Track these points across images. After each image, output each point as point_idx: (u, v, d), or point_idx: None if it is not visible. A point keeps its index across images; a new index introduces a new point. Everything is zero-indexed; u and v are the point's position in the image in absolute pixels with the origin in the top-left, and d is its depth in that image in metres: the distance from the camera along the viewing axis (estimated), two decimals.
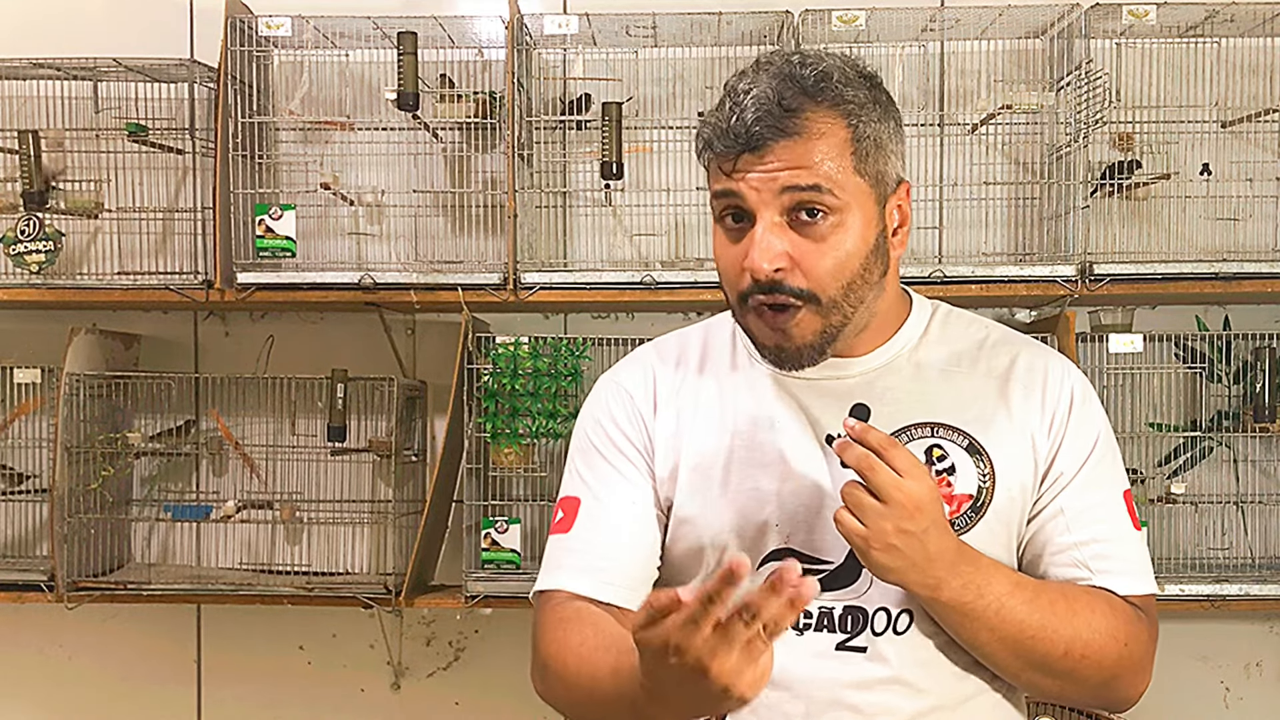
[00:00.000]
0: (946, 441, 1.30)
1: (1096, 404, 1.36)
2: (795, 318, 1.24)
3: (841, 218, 1.23)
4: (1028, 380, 1.33)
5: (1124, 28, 2.51)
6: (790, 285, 1.23)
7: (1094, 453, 1.32)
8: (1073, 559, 1.30)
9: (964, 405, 1.31)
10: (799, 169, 1.21)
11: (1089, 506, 1.31)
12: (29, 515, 2.80)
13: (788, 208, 1.23)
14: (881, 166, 1.26)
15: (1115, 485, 1.34)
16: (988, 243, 2.68)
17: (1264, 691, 2.76)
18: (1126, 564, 1.31)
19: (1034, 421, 1.31)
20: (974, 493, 1.29)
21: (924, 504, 1.18)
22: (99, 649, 2.84)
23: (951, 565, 1.21)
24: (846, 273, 1.24)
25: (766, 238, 1.22)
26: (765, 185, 1.22)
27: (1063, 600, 1.26)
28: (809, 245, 1.23)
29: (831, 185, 1.22)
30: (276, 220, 2.55)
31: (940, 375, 1.34)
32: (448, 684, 2.83)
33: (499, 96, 2.57)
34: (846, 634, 1.28)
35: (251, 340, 2.81)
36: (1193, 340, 2.60)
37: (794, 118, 1.21)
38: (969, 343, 1.37)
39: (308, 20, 2.55)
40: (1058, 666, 1.25)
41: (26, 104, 2.70)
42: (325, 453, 2.68)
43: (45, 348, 2.67)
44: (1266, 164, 2.63)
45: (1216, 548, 2.64)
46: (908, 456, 1.19)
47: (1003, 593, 1.23)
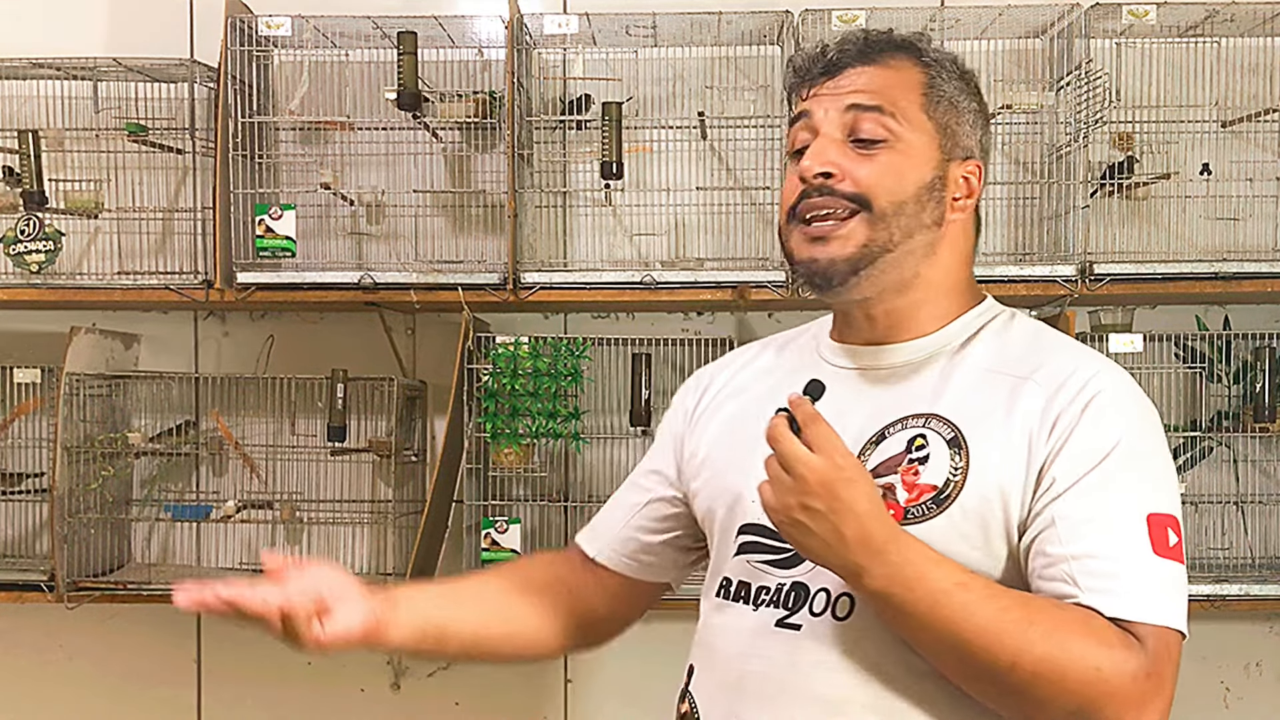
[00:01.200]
0: (931, 432, 1.25)
1: (1126, 414, 1.24)
2: (842, 227, 1.27)
3: (900, 144, 1.28)
4: (1045, 382, 1.25)
5: (1124, 28, 2.51)
6: (839, 189, 1.27)
7: (1106, 462, 1.19)
8: (1060, 572, 1.17)
9: (968, 400, 1.26)
10: (868, 90, 1.29)
11: (1088, 518, 1.18)
12: (29, 515, 2.80)
13: (849, 127, 1.29)
14: (952, 123, 1.31)
15: (1132, 502, 1.19)
16: (988, 243, 2.67)
17: (1264, 691, 2.76)
18: (1127, 586, 1.16)
19: (1034, 422, 1.22)
20: (939, 484, 1.22)
21: (829, 481, 1.14)
22: (99, 649, 2.84)
23: (876, 554, 1.14)
24: (899, 190, 1.27)
25: (822, 145, 1.29)
26: (833, 102, 1.30)
27: (1019, 609, 1.15)
28: (864, 159, 1.28)
29: (895, 110, 1.28)
30: (276, 220, 2.55)
31: (966, 371, 1.30)
32: (448, 684, 2.83)
33: (499, 96, 2.57)
34: (787, 610, 1.27)
35: (251, 340, 2.81)
36: (1193, 340, 2.60)
37: (875, 51, 1.32)
38: (1013, 346, 1.32)
39: (308, 20, 2.55)
40: (1005, 681, 1.14)
41: (26, 104, 2.70)
42: (325, 453, 2.68)
43: (45, 348, 2.67)
44: (1266, 164, 2.63)
45: (1216, 548, 2.64)
46: (824, 434, 1.15)
47: (939, 589, 1.14)
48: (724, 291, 2.46)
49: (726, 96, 2.63)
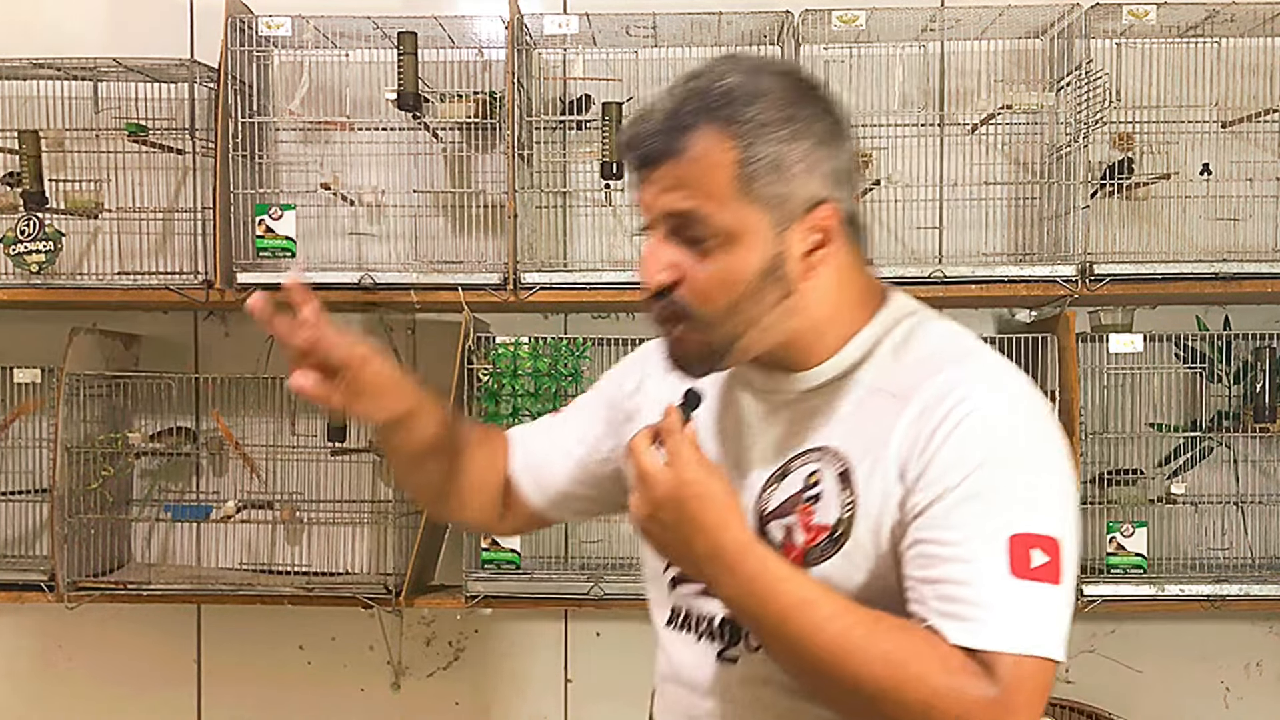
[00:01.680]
0: (825, 468, 1.24)
1: (998, 428, 1.18)
2: (684, 331, 1.25)
3: (725, 239, 1.20)
4: (919, 402, 1.20)
5: (1124, 28, 2.51)
6: (674, 297, 1.25)
7: (966, 483, 1.15)
8: (918, 596, 1.15)
9: (856, 429, 1.24)
10: (678, 191, 1.21)
11: (944, 541, 1.14)
12: (29, 515, 2.80)
13: (673, 228, 1.24)
14: (779, 190, 1.20)
15: (996, 521, 1.14)
16: (988, 243, 2.68)
17: (1264, 691, 2.76)
18: (979, 611, 1.11)
19: (907, 446, 1.19)
20: (831, 524, 1.22)
21: (675, 497, 1.16)
22: (99, 649, 2.84)
23: (728, 567, 1.15)
24: (730, 292, 1.21)
25: (654, 252, 1.25)
26: (651, 203, 1.24)
27: (864, 628, 1.13)
28: (694, 263, 1.23)
29: (710, 210, 1.20)
30: (276, 220, 2.55)
31: (857, 398, 1.26)
32: (448, 684, 2.83)
33: (499, 96, 2.57)
34: (724, 643, 1.28)
35: (251, 340, 2.80)
36: (1193, 340, 2.60)
37: (682, 136, 1.20)
38: (907, 363, 1.25)
39: (308, 20, 2.55)
40: (850, 701, 1.13)
41: (26, 104, 2.70)
42: (325, 453, 2.68)
43: (45, 348, 2.67)
44: (1266, 164, 2.63)
45: (1216, 548, 2.65)
46: (678, 447, 1.17)
47: (787, 605, 1.13)
48: None
49: None
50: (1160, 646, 2.75)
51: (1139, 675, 2.75)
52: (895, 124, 2.62)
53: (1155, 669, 2.76)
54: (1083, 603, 2.42)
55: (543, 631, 2.80)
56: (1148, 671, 2.76)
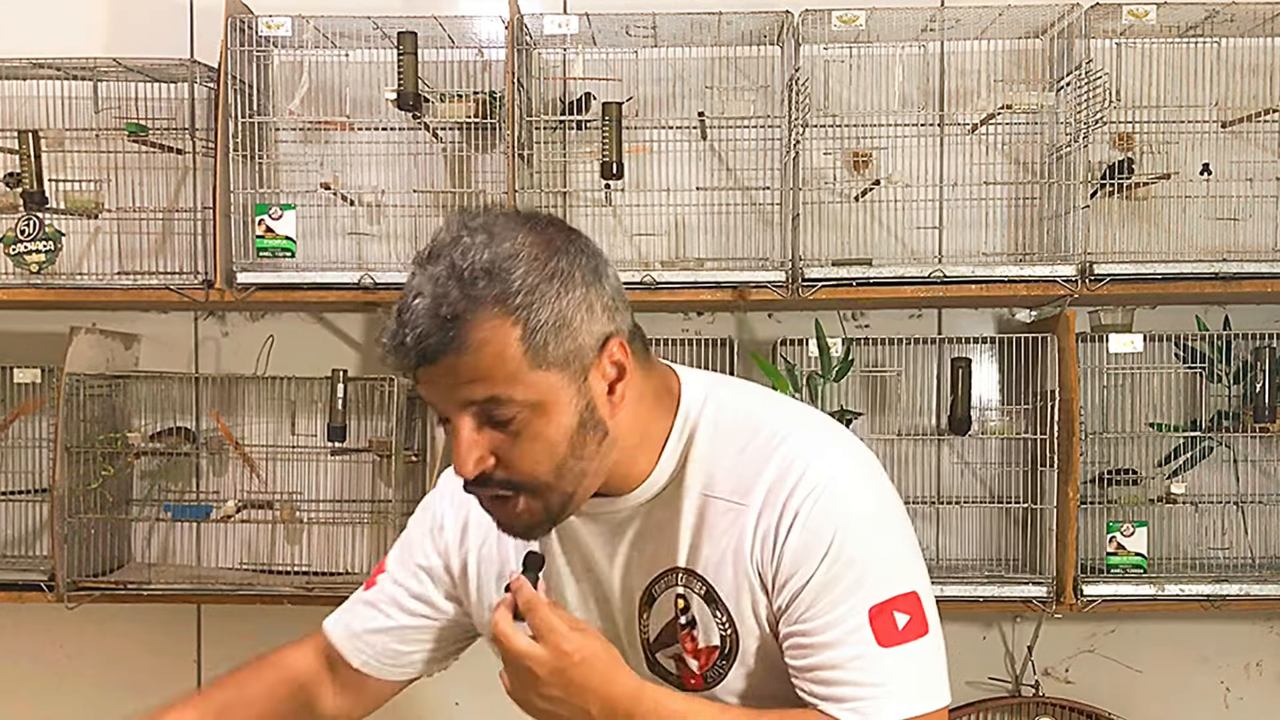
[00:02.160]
0: (690, 591, 1.26)
1: (834, 512, 1.21)
2: (516, 506, 1.22)
3: (532, 413, 1.18)
4: (755, 504, 1.23)
5: (1124, 28, 2.51)
6: (498, 478, 1.21)
7: (820, 571, 1.20)
8: (802, 686, 1.21)
9: (707, 546, 1.25)
10: (471, 383, 1.16)
11: (815, 630, 1.20)
12: (29, 515, 2.80)
13: (477, 415, 1.19)
14: (570, 346, 1.18)
15: (852, 600, 1.20)
16: (988, 243, 2.68)
17: (1264, 691, 2.76)
18: (860, 690, 1.19)
19: (759, 552, 1.23)
20: (718, 644, 1.26)
21: (558, 670, 1.17)
22: (99, 649, 2.84)
23: (626, 716, 1.19)
24: (553, 459, 1.20)
25: (464, 443, 1.19)
26: (445, 396, 1.19)
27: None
28: (507, 441, 1.19)
29: (510, 391, 1.16)
30: (276, 220, 2.55)
31: (696, 507, 1.26)
32: (448, 684, 2.82)
33: (499, 96, 2.57)
34: None
35: (251, 340, 2.81)
36: (1193, 340, 2.60)
37: (457, 327, 1.14)
38: (729, 459, 1.26)
39: (308, 20, 2.55)
40: None
41: (26, 104, 2.70)
42: (325, 453, 2.68)
43: (45, 348, 2.67)
44: (1266, 164, 2.63)
45: (1216, 548, 2.64)
46: (544, 620, 1.17)
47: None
48: (724, 291, 2.46)
49: (726, 97, 2.63)
50: (1160, 646, 2.75)
51: (1139, 675, 2.75)
52: (895, 124, 2.62)
53: (1155, 669, 2.76)
54: (1082, 603, 2.42)
55: None
56: (1148, 671, 2.76)
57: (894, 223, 2.68)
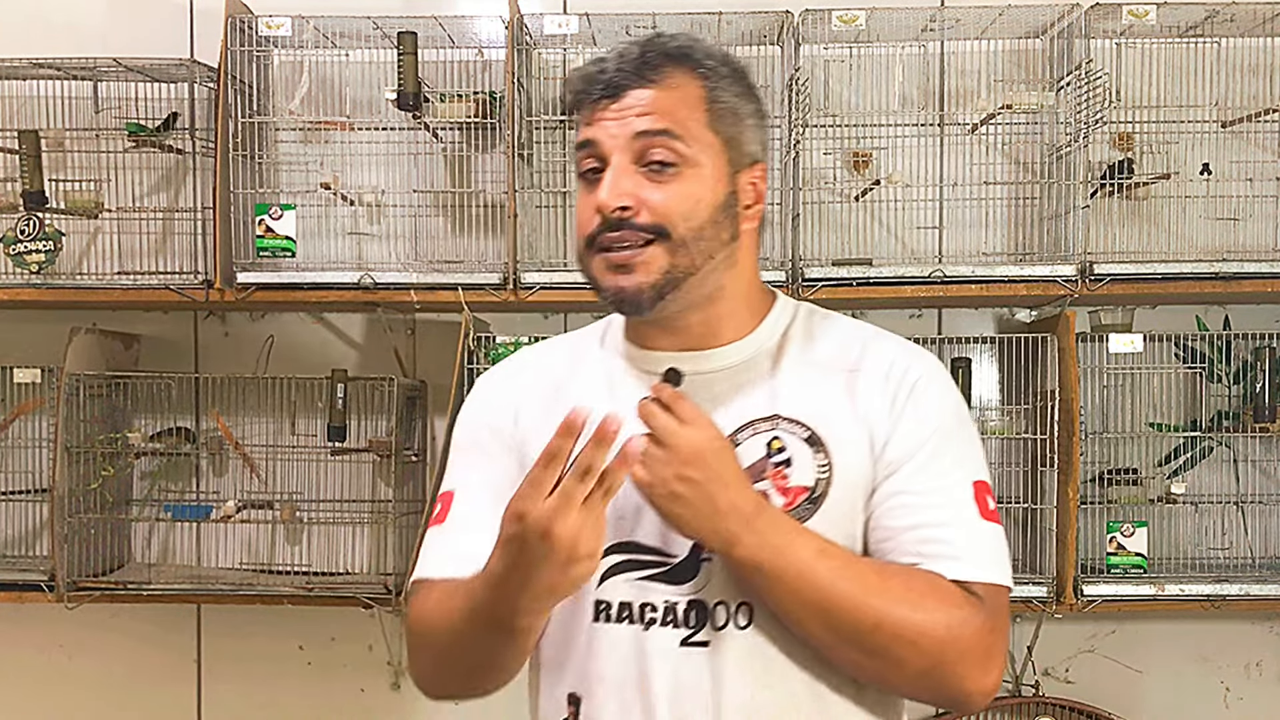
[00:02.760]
0: (786, 434, 1.29)
1: (943, 393, 1.33)
2: (643, 254, 1.26)
3: (691, 167, 1.27)
4: (873, 371, 1.32)
5: (1124, 28, 2.51)
6: (637, 222, 1.26)
7: (932, 439, 1.29)
8: (902, 544, 1.26)
9: (810, 398, 1.31)
10: (652, 114, 1.26)
11: (922, 492, 1.27)
12: (29, 515, 2.80)
13: (639, 153, 1.26)
14: (736, 133, 1.30)
15: (959, 473, 1.29)
16: (988, 243, 2.68)
17: (1264, 691, 2.76)
18: (962, 550, 1.25)
19: (873, 412, 1.30)
20: (810, 484, 1.27)
21: (702, 451, 1.19)
22: (99, 649, 2.84)
23: (746, 522, 1.20)
24: (696, 216, 1.27)
25: (616, 177, 1.26)
26: (620, 130, 1.27)
27: (876, 574, 1.23)
28: (658, 188, 1.26)
29: (683, 132, 1.26)
30: (276, 220, 2.55)
31: (794, 370, 1.33)
32: None
33: (499, 96, 2.57)
34: (690, 629, 1.27)
35: (251, 340, 2.81)
36: (1193, 340, 2.60)
37: (652, 69, 1.27)
38: (828, 338, 1.37)
39: (308, 20, 2.55)
40: (869, 642, 1.21)
41: (26, 104, 2.70)
42: (325, 453, 2.68)
43: (45, 348, 2.67)
44: (1266, 164, 2.63)
45: (1216, 548, 2.65)
46: (692, 409, 1.21)
47: (805, 556, 1.21)
48: None
49: None
50: (1160, 646, 2.75)
51: (1139, 675, 2.75)
52: (895, 124, 2.63)
53: (1155, 669, 2.76)
54: (1083, 603, 2.42)
55: None
56: (1148, 671, 2.76)
57: (894, 223, 2.68)
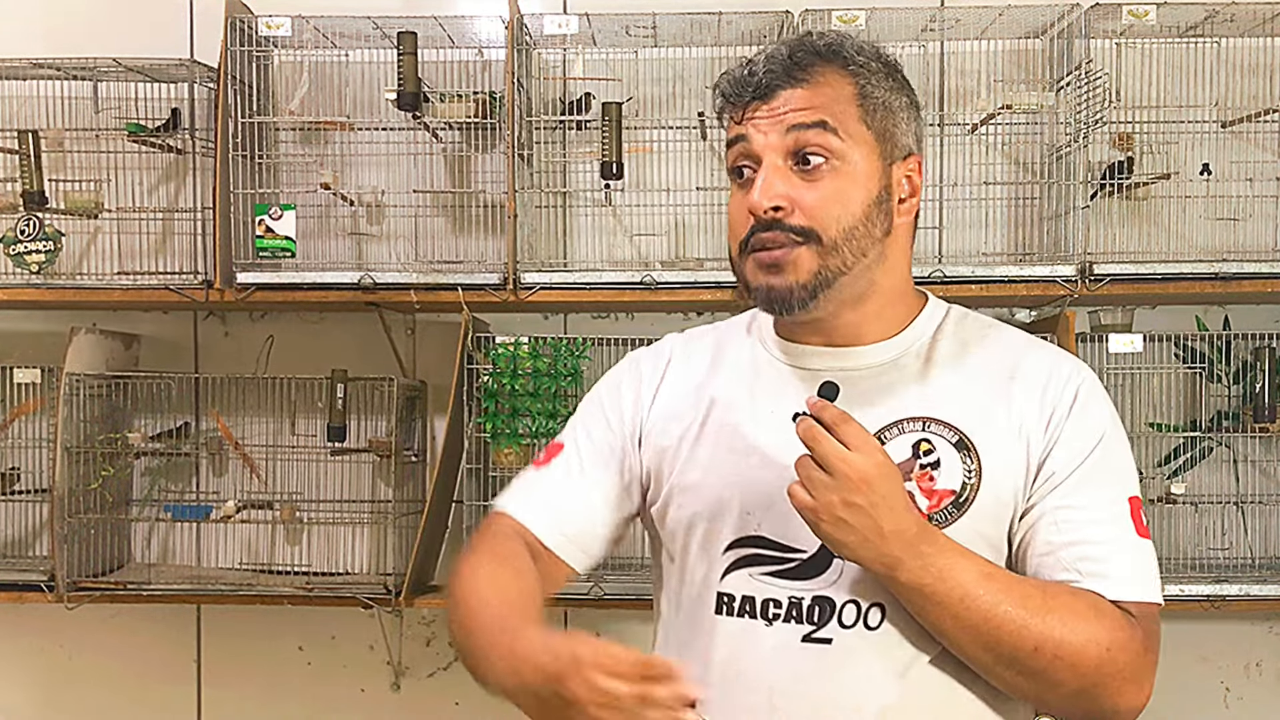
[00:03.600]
0: (935, 436, 1.28)
1: (1103, 406, 1.31)
2: (793, 254, 1.26)
3: (844, 163, 1.27)
4: (1031, 379, 1.30)
5: (1124, 28, 2.51)
6: (789, 223, 1.26)
7: (1094, 454, 1.27)
8: (1061, 560, 1.24)
9: (961, 402, 1.29)
10: (803, 109, 1.27)
11: (1083, 507, 1.26)
12: (29, 515, 2.80)
13: (792, 150, 1.27)
14: (889, 127, 1.30)
15: (1118, 489, 1.28)
16: (988, 243, 2.68)
17: (1264, 691, 2.76)
18: (1121, 569, 1.24)
19: (1031, 421, 1.28)
20: (957, 489, 1.26)
21: (870, 477, 1.17)
22: (99, 649, 2.84)
23: (910, 545, 1.19)
24: (847, 216, 1.27)
25: (769, 177, 1.27)
26: (772, 127, 1.28)
27: (1039, 595, 1.21)
28: (810, 187, 1.27)
29: (836, 124, 1.27)
30: (276, 220, 2.55)
31: (945, 373, 1.32)
32: (448, 684, 2.83)
33: (499, 96, 2.57)
34: (814, 625, 1.26)
35: (251, 340, 2.81)
36: (1193, 340, 2.60)
37: (802, 69, 1.28)
38: (981, 342, 1.35)
39: (308, 20, 2.55)
40: (1029, 664, 1.20)
41: (26, 104, 2.70)
42: (325, 453, 2.68)
43: (45, 348, 2.67)
44: (1266, 164, 2.62)
45: (1216, 548, 2.64)
46: (859, 432, 1.19)
47: (968, 580, 1.19)
48: (724, 291, 2.46)
49: None
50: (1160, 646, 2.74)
51: None
52: None
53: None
54: None
55: None
56: None
57: None
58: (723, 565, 1.31)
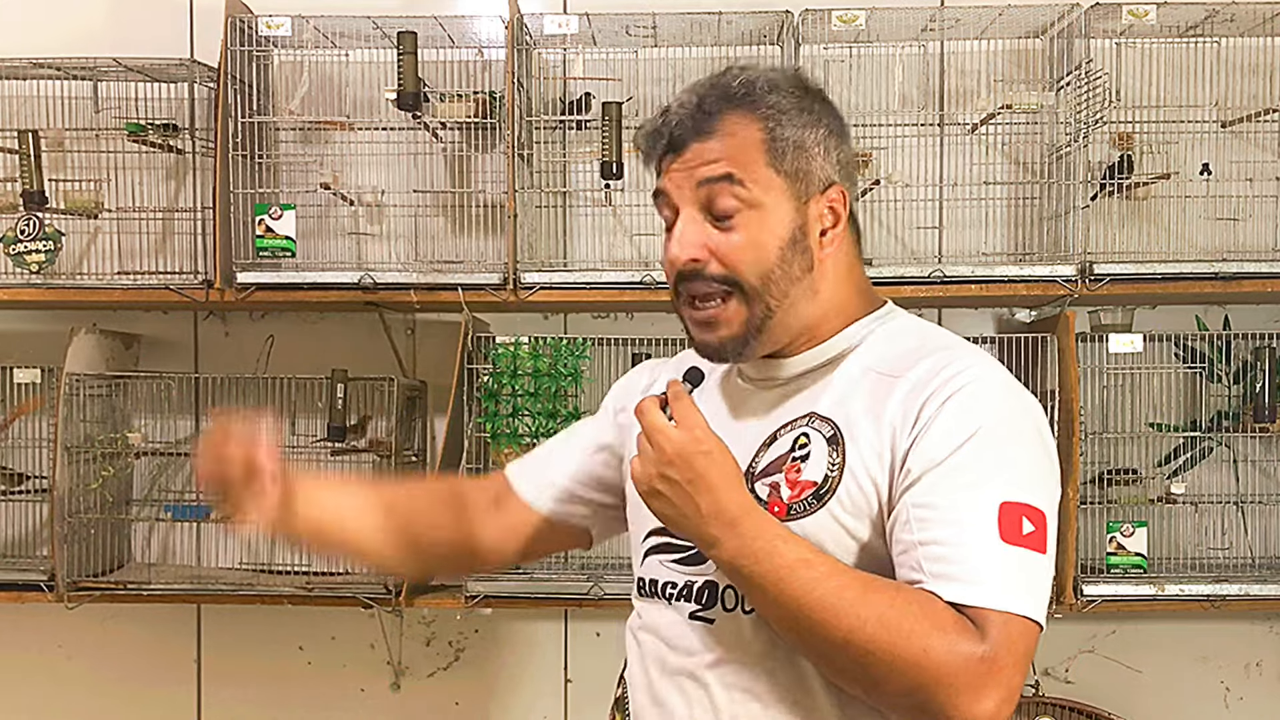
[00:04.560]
0: (813, 431, 1.31)
1: (990, 407, 1.25)
2: (722, 308, 1.31)
3: (755, 210, 1.29)
4: (915, 379, 1.27)
5: (1124, 28, 2.51)
6: (709, 273, 1.30)
7: (961, 452, 1.21)
8: (910, 559, 1.20)
9: (845, 400, 1.31)
10: (711, 163, 1.29)
11: (939, 506, 1.20)
12: (29, 515, 2.80)
13: (704, 203, 1.30)
14: (801, 166, 1.31)
15: (985, 489, 1.20)
16: (988, 243, 2.68)
17: (1264, 691, 2.76)
18: (970, 572, 1.17)
19: (899, 417, 1.26)
20: (819, 480, 1.27)
21: (686, 454, 1.21)
22: (99, 649, 2.84)
23: (729, 525, 1.21)
24: (763, 262, 1.29)
25: (684, 229, 1.31)
26: (684, 180, 1.31)
27: (858, 587, 1.18)
28: (725, 237, 1.30)
29: (743, 175, 1.29)
30: (276, 220, 2.55)
31: (845, 376, 1.34)
32: (448, 684, 2.83)
33: (499, 96, 2.57)
34: (700, 605, 1.33)
35: (251, 340, 2.81)
36: (1193, 340, 2.60)
37: (710, 120, 1.30)
38: (895, 346, 1.34)
39: (308, 20, 2.55)
40: (840, 657, 1.17)
41: (26, 104, 2.70)
42: (325, 453, 2.68)
43: (45, 348, 2.67)
44: (1266, 164, 2.63)
45: (1216, 548, 2.65)
46: (686, 410, 1.23)
47: (783, 564, 1.18)
48: None
49: None
50: (1160, 646, 2.75)
51: (1139, 675, 2.76)
52: (895, 124, 2.63)
53: (1155, 669, 2.76)
54: (1083, 603, 2.42)
55: (543, 631, 2.80)
56: (1148, 671, 2.76)
57: (894, 222, 2.68)
58: (642, 552, 1.42)
